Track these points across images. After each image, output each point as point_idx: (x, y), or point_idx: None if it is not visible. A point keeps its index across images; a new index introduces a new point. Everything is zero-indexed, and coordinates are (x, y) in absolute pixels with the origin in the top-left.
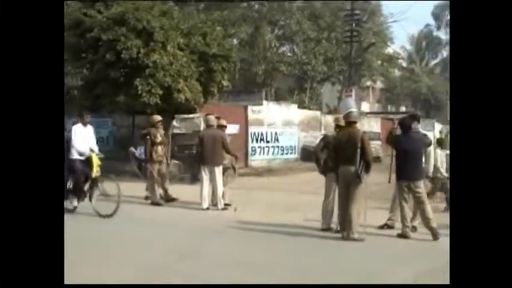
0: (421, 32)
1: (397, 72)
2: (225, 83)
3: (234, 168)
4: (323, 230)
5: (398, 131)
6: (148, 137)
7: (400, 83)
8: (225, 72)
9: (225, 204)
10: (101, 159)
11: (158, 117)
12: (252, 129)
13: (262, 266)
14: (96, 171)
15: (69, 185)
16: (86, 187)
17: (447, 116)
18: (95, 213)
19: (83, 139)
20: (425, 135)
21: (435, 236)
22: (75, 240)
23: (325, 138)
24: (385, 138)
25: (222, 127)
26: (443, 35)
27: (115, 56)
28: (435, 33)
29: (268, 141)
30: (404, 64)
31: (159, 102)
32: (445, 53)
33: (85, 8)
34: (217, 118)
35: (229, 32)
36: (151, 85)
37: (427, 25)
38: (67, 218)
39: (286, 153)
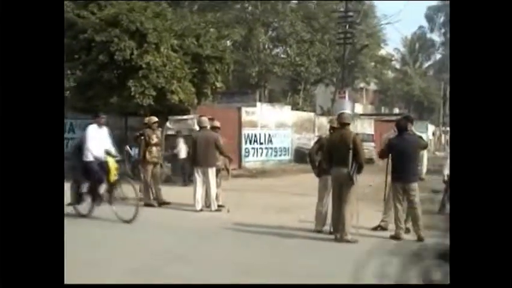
0: (414, 34)
1: (390, 74)
2: (218, 84)
3: (227, 170)
4: (316, 231)
5: (393, 134)
6: (142, 137)
7: (393, 85)
8: (219, 73)
9: (219, 206)
10: (117, 161)
11: (154, 119)
12: (245, 131)
13: (257, 266)
14: (113, 175)
15: (83, 188)
16: (102, 190)
17: (440, 118)
18: (117, 218)
19: (97, 140)
20: (420, 137)
21: (420, 239)
22: (74, 242)
23: (320, 140)
24: (378, 153)
25: (215, 128)
26: (437, 37)
27: (108, 57)
28: (428, 35)
29: (261, 143)
30: (397, 66)
31: (152, 103)
32: (438, 55)
33: (78, 9)
34: (211, 119)
35: (223, 33)
36: (145, 86)
37: (421, 27)
38: (68, 221)
39: (280, 155)
